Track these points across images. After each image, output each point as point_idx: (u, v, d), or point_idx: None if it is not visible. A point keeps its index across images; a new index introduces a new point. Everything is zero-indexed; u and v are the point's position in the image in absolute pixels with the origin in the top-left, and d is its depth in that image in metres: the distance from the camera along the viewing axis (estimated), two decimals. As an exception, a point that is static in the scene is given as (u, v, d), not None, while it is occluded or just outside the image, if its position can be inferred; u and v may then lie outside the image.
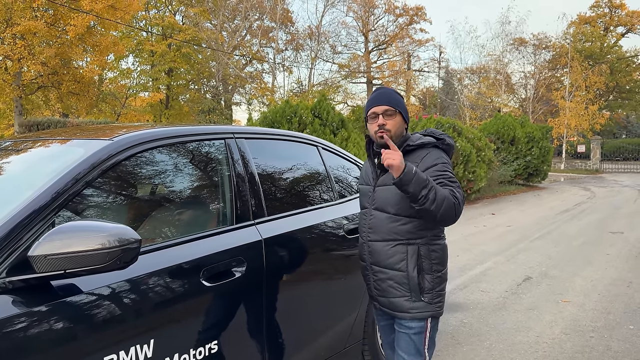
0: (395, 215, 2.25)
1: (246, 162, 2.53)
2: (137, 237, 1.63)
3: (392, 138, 2.22)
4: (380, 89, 2.39)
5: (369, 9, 39.36)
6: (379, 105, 2.29)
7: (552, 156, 21.05)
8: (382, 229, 2.28)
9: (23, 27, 15.44)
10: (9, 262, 1.56)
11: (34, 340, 1.53)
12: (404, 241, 2.24)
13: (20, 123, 17.33)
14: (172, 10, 31.27)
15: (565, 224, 10.12)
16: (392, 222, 2.25)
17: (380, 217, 2.29)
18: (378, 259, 2.30)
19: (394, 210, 2.25)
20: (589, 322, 4.47)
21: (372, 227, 2.31)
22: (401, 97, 2.38)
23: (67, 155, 1.99)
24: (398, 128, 2.29)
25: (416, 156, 2.26)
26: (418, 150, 2.28)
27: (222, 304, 2.14)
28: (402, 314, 2.25)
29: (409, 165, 2.08)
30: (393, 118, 2.28)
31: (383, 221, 2.28)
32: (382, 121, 2.25)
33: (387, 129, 2.25)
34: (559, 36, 39.99)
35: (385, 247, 2.27)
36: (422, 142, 2.29)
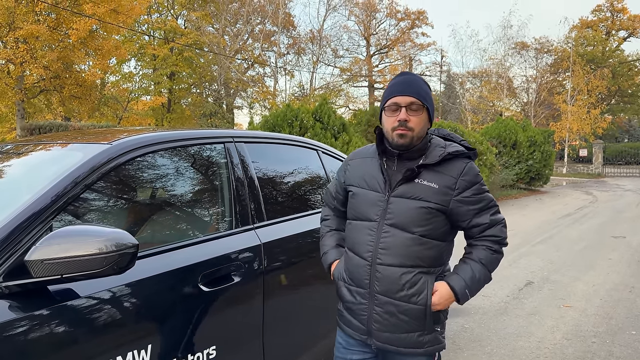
0: (423, 237, 1.84)
1: (246, 166, 2.52)
2: (135, 241, 1.62)
3: (412, 138, 1.84)
4: (406, 74, 1.93)
5: (370, 13, 39.44)
6: (404, 95, 1.84)
7: (554, 160, 21.02)
8: (400, 252, 1.83)
9: (25, 31, 15.48)
10: (5, 267, 1.55)
11: (31, 346, 1.51)
12: (425, 269, 1.86)
13: (22, 126, 17.37)
14: (174, 14, 31.35)
15: (567, 228, 10.08)
16: (417, 245, 1.83)
17: (399, 236, 1.84)
18: (390, 288, 1.85)
19: (420, 231, 1.83)
20: (591, 327, 4.45)
21: (387, 247, 1.85)
22: (430, 89, 1.95)
23: (67, 159, 1.98)
24: (422, 128, 1.87)
25: (453, 168, 1.86)
26: (452, 161, 1.88)
27: (221, 309, 2.12)
28: (412, 349, 1.88)
29: (458, 290, 1.84)
30: (419, 114, 1.85)
31: (404, 242, 1.83)
32: (405, 116, 1.82)
33: (410, 127, 1.82)
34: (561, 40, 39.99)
35: (403, 274, 1.83)
36: (457, 151, 1.89)
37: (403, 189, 1.85)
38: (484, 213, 1.88)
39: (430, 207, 1.82)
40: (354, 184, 2.01)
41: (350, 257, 1.98)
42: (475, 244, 1.92)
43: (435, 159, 1.84)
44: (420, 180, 1.84)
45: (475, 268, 1.88)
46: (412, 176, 1.84)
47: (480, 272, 1.88)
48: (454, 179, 1.84)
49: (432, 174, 1.85)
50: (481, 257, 1.89)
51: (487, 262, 1.89)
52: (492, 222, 1.89)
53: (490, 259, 1.89)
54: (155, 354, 1.82)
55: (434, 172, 1.85)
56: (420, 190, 1.83)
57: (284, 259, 2.51)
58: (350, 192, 2.02)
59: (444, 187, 1.83)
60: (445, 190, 1.83)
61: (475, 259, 1.89)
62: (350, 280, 1.96)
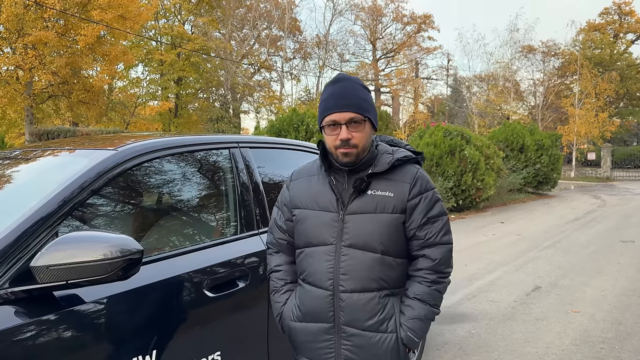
0: (386, 256, 1.68)
1: (251, 172, 2.53)
2: (139, 247, 1.63)
3: (358, 154, 1.67)
4: (339, 81, 1.70)
5: (376, 18, 39.51)
6: (341, 111, 1.64)
7: (561, 164, 20.90)
8: (364, 275, 1.66)
9: (34, 37, 15.63)
10: (11, 273, 1.56)
11: (36, 351, 1.52)
12: (390, 290, 1.71)
13: (30, 132, 17.51)
14: (181, 20, 31.54)
15: (575, 232, 10.01)
16: (380, 266, 1.67)
17: (361, 258, 1.67)
18: (357, 317, 1.67)
19: (383, 249, 1.67)
20: (599, 333, 4.41)
21: (348, 271, 1.67)
22: (369, 92, 1.75)
23: (73, 165, 2.00)
24: (367, 140, 1.69)
25: (404, 174, 1.73)
26: (403, 167, 1.75)
27: (226, 314, 2.13)
28: None
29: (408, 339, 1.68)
30: (361, 129, 1.66)
31: (367, 264, 1.66)
32: (346, 135, 1.63)
33: (354, 144, 1.64)
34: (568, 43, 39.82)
35: (370, 300, 1.67)
36: (406, 156, 1.76)
37: (357, 204, 1.69)
38: (428, 226, 1.71)
39: (389, 219, 1.67)
40: (301, 205, 1.79)
41: (306, 291, 1.75)
42: (411, 276, 1.74)
43: (385, 166, 1.70)
44: (373, 191, 1.69)
45: (413, 306, 1.69)
46: (362, 187, 1.68)
47: (419, 310, 1.69)
48: (407, 184, 1.70)
49: (384, 182, 1.70)
50: (417, 293, 1.70)
51: (424, 297, 1.70)
52: (435, 239, 1.71)
53: (426, 293, 1.70)
54: (160, 359, 1.82)
55: (385, 180, 1.70)
56: (375, 202, 1.68)
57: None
58: (295, 216, 1.81)
59: (399, 193, 1.69)
60: (401, 197, 1.69)
61: (410, 295, 1.71)
62: (309, 316, 1.74)
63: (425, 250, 1.71)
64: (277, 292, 1.88)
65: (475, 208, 13.87)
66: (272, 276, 1.91)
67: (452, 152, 13.14)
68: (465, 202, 13.29)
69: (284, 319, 1.83)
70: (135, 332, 1.79)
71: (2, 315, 1.50)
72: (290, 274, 1.88)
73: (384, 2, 39.29)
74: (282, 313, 1.84)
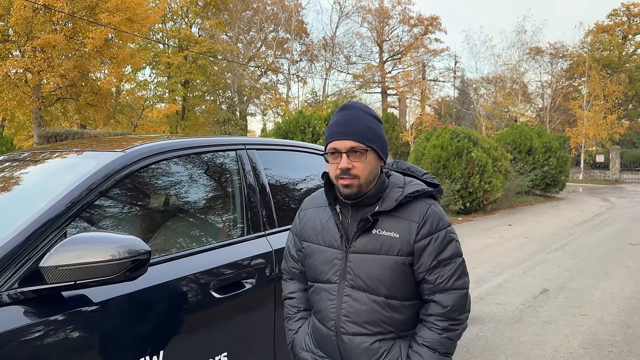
0: (391, 300, 1.58)
1: (257, 173, 2.53)
2: (147, 248, 1.64)
3: (360, 186, 1.57)
4: (347, 108, 1.63)
5: (383, 20, 39.49)
6: (342, 139, 1.56)
7: (569, 166, 20.77)
8: (366, 319, 1.58)
9: (43, 40, 15.77)
10: (21, 273, 1.58)
11: (44, 351, 1.53)
12: (397, 334, 1.61)
13: (39, 134, 17.65)
14: (188, 23, 31.69)
15: (584, 235, 9.95)
16: (385, 310, 1.58)
17: (363, 300, 1.58)
18: (361, 359, 1.61)
19: (387, 293, 1.58)
20: (608, 336, 4.38)
21: (350, 314, 1.59)
22: (379, 122, 1.65)
23: (81, 167, 2.01)
24: (371, 172, 1.58)
25: (413, 211, 1.60)
26: (412, 203, 1.62)
27: (232, 315, 2.13)
28: None
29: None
30: (363, 159, 1.56)
31: (369, 307, 1.58)
32: (346, 164, 1.54)
33: (354, 174, 1.55)
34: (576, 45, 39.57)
35: (373, 343, 1.59)
36: (417, 191, 1.63)
37: (361, 243, 1.59)
38: (439, 270, 1.58)
39: (394, 262, 1.56)
40: (308, 239, 1.72)
41: (316, 326, 1.71)
42: (422, 320, 1.63)
43: (392, 204, 1.58)
44: (378, 230, 1.58)
45: (422, 353, 1.57)
46: (367, 227, 1.58)
47: (427, 357, 1.57)
48: (415, 223, 1.57)
49: (391, 220, 1.59)
50: (426, 340, 1.58)
51: (433, 344, 1.57)
52: (446, 284, 1.58)
53: (436, 341, 1.57)
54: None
55: (392, 218, 1.59)
56: (380, 242, 1.57)
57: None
58: (304, 249, 1.74)
59: (405, 234, 1.57)
60: (407, 239, 1.57)
61: (419, 341, 1.60)
62: (320, 351, 1.70)
63: (436, 295, 1.59)
64: (290, 319, 1.84)
65: (483, 210, 13.82)
66: (286, 303, 1.86)
67: (459, 155, 13.11)
68: (472, 204, 13.24)
69: (295, 347, 1.79)
70: (142, 332, 1.80)
71: (12, 315, 1.51)
72: (303, 301, 1.82)
73: (390, 4, 39.28)
74: (294, 341, 1.80)
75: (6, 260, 1.56)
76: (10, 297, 1.53)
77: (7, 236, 1.62)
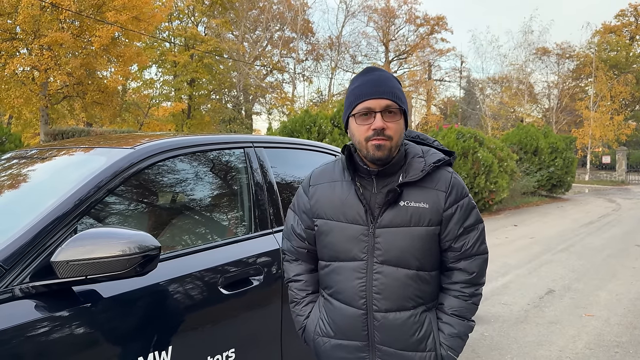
0: (421, 272, 1.58)
1: (265, 171, 2.54)
2: (157, 244, 1.65)
3: (391, 149, 1.52)
4: (373, 70, 1.60)
5: (389, 19, 39.45)
6: (377, 97, 1.51)
7: (576, 167, 20.70)
8: (399, 293, 1.56)
9: (50, 38, 15.83)
10: (32, 268, 1.59)
11: (55, 345, 1.55)
12: (426, 306, 1.62)
13: (45, 132, 17.73)
14: (194, 22, 31.76)
15: (590, 236, 9.91)
16: (416, 283, 1.57)
17: (395, 275, 1.56)
18: (394, 337, 1.58)
19: (418, 264, 1.57)
20: (614, 337, 4.36)
21: (383, 290, 1.56)
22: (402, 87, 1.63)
23: (90, 163, 2.03)
24: (401, 135, 1.56)
25: (439, 180, 1.59)
26: (435, 172, 1.60)
27: (240, 312, 2.14)
28: None
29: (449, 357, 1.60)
30: (397, 120, 1.53)
31: (402, 281, 1.56)
32: (381, 123, 1.49)
33: (388, 135, 1.51)
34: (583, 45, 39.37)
35: (408, 319, 1.57)
36: (439, 160, 1.61)
37: (389, 216, 1.55)
38: (464, 236, 1.60)
39: (425, 233, 1.55)
40: (325, 216, 1.64)
41: (336, 308, 1.64)
42: (446, 289, 1.64)
43: (418, 174, 1.56)
44: (406, 202, 1.55)
45: (452, 322, 1.61)
46: (395, 199, 1.54)
47: (459, 327, 1.61)
48: (443, 192, 1.57)
49: (418, 191, 1.56)
50: (455, 308, 1.61)
51: (462, 312, 1.61)
52: (471, 250, 1.61)
53: (464, 308, 1.62)
54: (176, 355, 1.84)
55: (419, 188, 1.57)
56: (409, 215, 1.54)
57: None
58: (317, 227, 1.67)
59: (435, 204, 1.56)
60: (437, 208, 1.56)
61: (448, 311, 1.62)
62: (341, 334, 1.64)
63: (462, 262, 1.61)
64: (297, 304, 1.77)
65: (488, 211, 13.79)
66: (292, 286, 1.78)
67: (465, 155, 13.09)
68: (478, 204, 13.16)
69: (308, 332, 1.73)
70: (152, 327, 1.81)
71: (24, 309, 1.53)
72: (311, 284, 1.75)
73: (397, 4, 39.26)
74: (306, 327, 1.74)
75: (18, 255, 1.58)
76: (22, 291, 1.55)
77: (19, 231, 1.64)
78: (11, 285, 1.54)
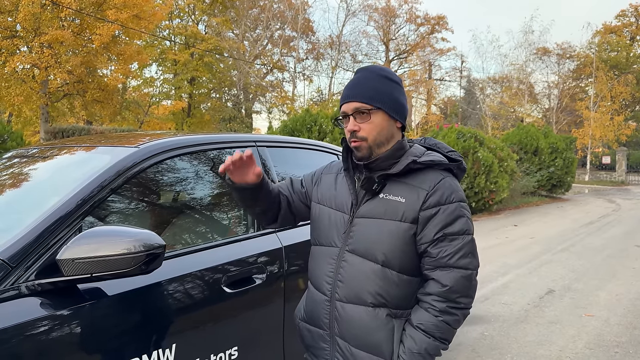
0: (388, 269, 1.51)
1: (267, 170, 2.56)
2: (162, 242, 1.66)
3: (370, 148, 1.54)
4: (359, 72, 1.62)
5: (390, 19, 39.43)
6: (348, 101, 1.55)
7: (576, 167, 20.71)
8: (360, 286, 1.52)
9: (50, 36, 15.83)
10: (37, 266, 1.60)
11: (61, 341, 1.56)
12: (392, 311, 1.52)
13: (46, 130, 17.73)
14: (195, 20, 31.75)
15: (590, 236, 9.93)
16: (380, 280, 1.51)
17: (359, 266, 1.53)
18: (349, 330, 1.54)
19: (383, 259, 1.51)
20: (614, 337, 4.38)
21: (345, 279, 1.55)
22: (392, 83, 1.58)
23: (94, 162, 2.03)
24: (379, 133, 1.54)
25: (425, 180, 1.53)
26: (426, 172, 1.56)
27: (243, 310, 2.15)
28: None
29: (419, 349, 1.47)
30: (367, 120, 1.53)
31: (365, 274, 1.52)
32: (352, 126, 1.53)
33: (361, 137, 1.53)
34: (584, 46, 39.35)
35: (364, 315, 1.52)
36: (432, 160, 1.56)
37: (367, 207, 1.55)
38: (444, 244, 1.50)
39: (396, 227, 1.50)
40: (321, 201, 1.70)
41: (310, 291, 1.70)
42: (419, 300, 1.54)
43: (400, 168, 1.53)
44: (385, 195, 1.54)
45: (415, 337, 1.48)
46: (372, 187, 1.54)
47: (421, 343, 1.47)
48: (424, 190, 1.51)
49: (399, 186, 1.54)
50: (421, 321, 1.49)
51: (428, 328, 1.48)
52: (448, 260, 1.49)
53: (432, 324, 1.48)
54: (180, 353, 1.85)
55: (401, 184, 1.54)
56: (384, 207, 1.52)
57: (305, 261, 2.53)
58: (311, 209, 1.74)
59: (411, 200, 1.51)
60: (412, 205, 1.50)
61: (413, 323, 1.51)
62: (310, 319, 1.66)
63: (437, 272, 1.50)
64: None
65: (488, 211, 13.80)
66: None
67: (465, 154, 13.08)
68: (478, 204, 13.23)
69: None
70: (156, 325, 1.82)
71: (31, 306, 1.54)
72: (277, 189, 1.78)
73: (397, 3, 39.25)
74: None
75: (24, 252, 1.59)
76: (28, 288, 1.56)
77: (24, 229, 1.65)
78: (17, 282, 1.55)
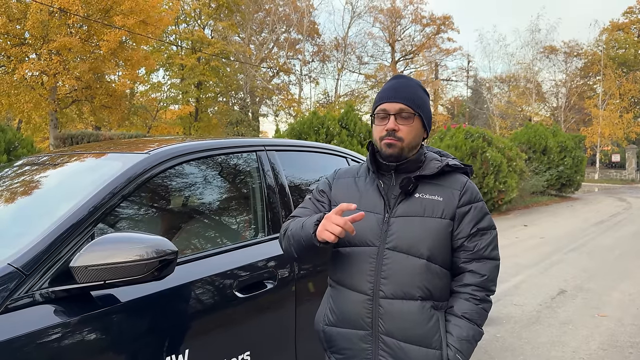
0: (431, 263, 1.58)
1: (277, 174, 2.55)
2: (174, 248, 1.66)
3: (403, 149, 1.62)
4: (399, 78, 1.74)
5: (395, 20, 39.40)
6: (392, 101, 1.63)
7: (585, 166, 20.58)
8: (406, 280, 1.56)
9: (59, 43, 15.95)
10: (51, 273, 1.61)
11: (74, 349, 1.56)
12: (435, 303, 1.60)
13: (55, 136, 17.85)
14: (201, 25, 31.89)
15: (601, 235, 9.85)
16: (425, 273, 1.57)
17: (404, 262, 1.57)
18: (397, 326, 1.56)
19: (428, 254, 1.58)
20: (627, 337, 4.33)
21: (389, 275, 1.57)
22: (427, 95, 1.73)
23: (105, 169, 2.04)
24: (414, 137, 1.65)
25: (454, 181, 1.67)
26: (453, 175, 1.69)
27: (254, 315, 2.15)
28: None
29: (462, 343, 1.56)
30: (409, 123, 1.63)
31: (410, 269, 1.56)
32: (393, 125, 1.61)
33: (399, 137, 1.61)
34: (591, 43, 39.16)
35: (412, 309, 1.56)
36: (456, 164, 1.70)
37: (404, 207, 1.61)
38: (478, 237, 1.64)
39: (438, 224, 1.59)
40: (342, 202, 1.64)
41: (340, 293, 1.66)
42: (456, 292, 1.63)
43: (434, 170, 1.64)
44: (421, 194, 1.62)
45: (462, 325, 1.59)
46: (409, 187, 1.61)
47: (468, 330, 1.58)
48: (457, 190, 1.64)
49: (432, 187, 1.64)
50: (465, 311, 1.60)
51: (472, 316, 1.60)
52: (484, 252, 1.63)
53: (475, 312, 1.60)
54: (193, 358, 1.85)
55: (433, 185, 1.65)
56: (423, 206, 1.61)
57: (314, 265, 2.53)
58: None
59: (448, 198, 1.63)
60: (450, 203, 1.62)
61: (458, 313, 1.60)
62: (343, 321, 1.64)
63: (473, 264, 1.62)
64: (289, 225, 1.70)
65: (498, 211, 13.73)
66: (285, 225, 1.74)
67: (473, 154, 13.04)
68: (487, 204, 13.14)
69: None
70: (169, 331, 1.82)
71: (44, 314, 1.54)
72: None
73: (402, 4, 39.20)
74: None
75: (37, 260, 1.59)
76: (42, 296, 1.57)
77: (37, 237, 1.65)
78: (31, 290, 1.55)
